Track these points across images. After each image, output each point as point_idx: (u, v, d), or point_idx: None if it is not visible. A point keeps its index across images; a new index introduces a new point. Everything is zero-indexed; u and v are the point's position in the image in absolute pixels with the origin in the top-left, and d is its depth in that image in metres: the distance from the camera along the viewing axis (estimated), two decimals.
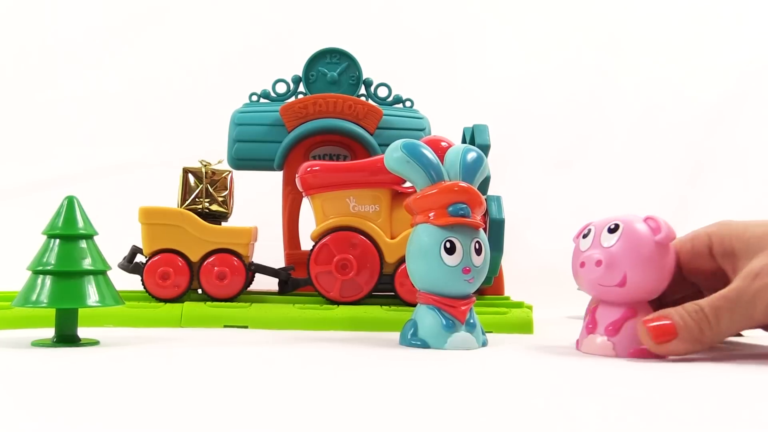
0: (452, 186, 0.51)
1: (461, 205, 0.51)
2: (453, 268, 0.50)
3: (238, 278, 0.63)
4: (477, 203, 0.52)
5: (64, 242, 0.49)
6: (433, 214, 0.51)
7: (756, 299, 0.47)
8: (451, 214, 0.51)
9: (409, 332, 0.52)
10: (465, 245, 0.50)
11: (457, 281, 0.51)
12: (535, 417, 0.32)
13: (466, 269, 0.50)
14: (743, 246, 0.50)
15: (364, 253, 0.61)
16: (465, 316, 0.51)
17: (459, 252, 0.50)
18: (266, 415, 0.32)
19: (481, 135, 0.67)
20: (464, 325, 0.51)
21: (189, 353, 0.48)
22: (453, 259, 0.50)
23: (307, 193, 0.63)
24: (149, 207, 0.63)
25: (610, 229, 0.50)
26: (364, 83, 0.72)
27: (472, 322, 0.52)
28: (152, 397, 0.35)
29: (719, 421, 0.33)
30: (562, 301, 0.76)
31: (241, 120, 0.70)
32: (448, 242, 0.50)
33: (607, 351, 0.50)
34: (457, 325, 0.51)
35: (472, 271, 0.51)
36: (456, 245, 0.50)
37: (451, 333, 0.51)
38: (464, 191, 0.51)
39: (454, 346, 0.51)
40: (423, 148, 0.53)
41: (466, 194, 0.51)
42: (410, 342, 0.52)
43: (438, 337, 0.51)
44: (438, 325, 0.51)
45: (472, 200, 0.51)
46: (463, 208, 0.51)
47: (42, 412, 0.31)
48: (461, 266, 0.50)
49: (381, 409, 0.33)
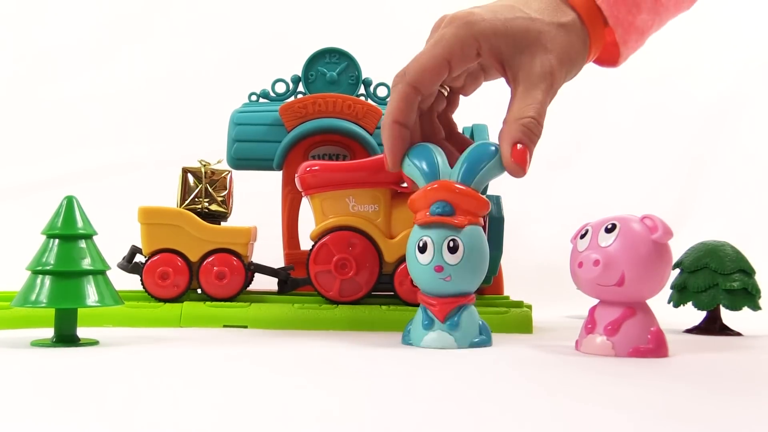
0: (434, 185, 0.52)
1: (441, 203, 0.51)
2: (425, 266, 0.51)
3: (238, 278, 0.63)
4: (466, 201, 0.51)
5: (63, 242, 0.49)
6: (419, 214, 0.52)
7: None
8: (430, 213, 0.51)
9: (405, 331, 0.54)
10: (437, 244, 0.50)
11: (431, 280, 0.51)
12: (534, 417, 0.32)
13: (437, 267, 0.50)
14: None
15: (364, 252, 0.61)
16: (445, 314, 0.51)
17: (429, 251, 0.51)
18: (266, 414, 0.32)
19: (480, 135, 0.67)
20: (445, 324, 0.51)
21: (188, 353, 0.48)
22: (424, 257, 0.51)
23: (307, 192, 0.63)
24: (148, 207, 0.63)
25: (608, 229, 0.50)
26: (364, 83, 0.72)
27: (455, 321, 0.52)
28: (152, 397, 0.35)
29: (719, 420, 0.33)
30: (562, 301, 0.76)
31: (240, 120, 0.70)
32: (421, 241, 0.51)
33: (606, 351, 0.50)
34: (435, 324, 0.51)
35: (445, 269, 0.50)
36: (428, 244, 0.51)
37: (426, 331, 0.52)
38: (446, 189, 0.51)
39: (427, 344, 0.51)
40: (425, 150, 0.53)
41: (448, 192, 0.51)
42: (404, 340, 0.54)
43: (417, 334, 0.52)
44: (418, 322, 0.52)
45: (455, 198, 0.51)
46: (440, 205, 0.51)
47: (41, 412, 0.32)
48: (432, 265, 0.51)
49: (380, 409, 0.33)
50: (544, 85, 0.51)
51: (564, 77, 0.52)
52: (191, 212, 0.64)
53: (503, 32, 0.50)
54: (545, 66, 0.50)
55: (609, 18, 0.52)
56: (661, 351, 0.50)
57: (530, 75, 0.51)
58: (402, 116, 0.52)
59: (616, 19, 0.52)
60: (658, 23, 0.56)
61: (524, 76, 0.51)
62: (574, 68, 0.53)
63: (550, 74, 0.51)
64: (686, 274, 0.67)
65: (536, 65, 0.51)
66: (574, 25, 0.52)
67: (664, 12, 0.55)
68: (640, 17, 0.53)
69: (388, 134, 0.52)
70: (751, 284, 0.65)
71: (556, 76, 0.51)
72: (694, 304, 0.66)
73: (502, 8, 0.51)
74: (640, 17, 0.53)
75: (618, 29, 0.53)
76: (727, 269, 0.65)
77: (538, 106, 0.50)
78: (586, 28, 0.52)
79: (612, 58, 0.57)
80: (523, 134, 0.50)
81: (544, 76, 0.50)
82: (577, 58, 0.52)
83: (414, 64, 0.51)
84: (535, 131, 0.51)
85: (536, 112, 0.50)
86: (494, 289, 0.72)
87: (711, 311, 0.67)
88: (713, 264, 0.65)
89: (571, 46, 0.52)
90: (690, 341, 0.60)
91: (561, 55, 0.51)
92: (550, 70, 0.51)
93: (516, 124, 0.50)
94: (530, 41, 0.51)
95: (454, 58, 0.51)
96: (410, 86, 0.51)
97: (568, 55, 0.51)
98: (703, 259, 0.66)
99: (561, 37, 0.51)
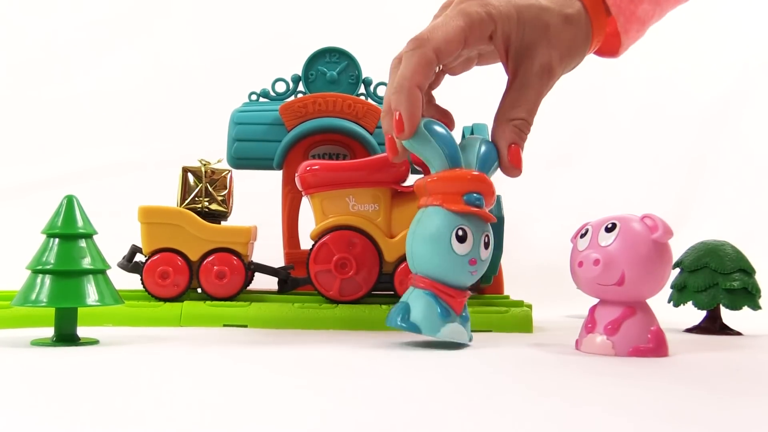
0: (471, 174, 0.50)
1: (477, 195, 0.50)
2: (461, 257, 0.49)
3: (238, 277, 0.63)
4: (491, 196, 0.51)
5: (63, 241, 0.49)
6: (448, 198, 0.50)
7: None
8: (467, 202, 0.49)
9: (398, 315, 0.50)
10: (476, 236, 0.49)
11: (462, 271, 0.50)
12: (534, 416, 0.32)
13: (472, 260, 0.49)
14: None
15: (364, 252, 0.61)
16: (461, 307, 0.51)
17: (470, 242, 0.49)
18: (265, 414, 0.32)
19: (480, 134, 0.67)
20: (459, 317, 0.51)
21: (188, 352, 0.48)
22: (463, 248, 0.49)
23: (307, 192, 0.63)
24: (149, 206, 0.63)
25: (608, 229, 0.50)
26: (364, 82, 0.72)
27: (465, 315, 0.51)
28: (151, 397, 0.35)
29: (719, 420, 0.33)
30: (562, 300, 0.76)
31: (240, 119, 0.70)
32: (461, 230, 0.49)
33: (606, 350, 0.50)
34: (452, 315, 0.50)
35: (477, 263, 0.50)
36: (468, 234, 0.49)
37: (445, 322, 0.50)
38: (482, 181, 0.50)
39: (446, 335, 0.50)
40: (446, 131, 0.51)
41: (483, 184, 0.50)
42: (399, 324, 0.50)
43: (432, 324, 0.50)
44: (433, 312, 0.50)
45: (487, 192, 0.50)
46: (479, 198, 0.50)
47: (41, 411, 0.32)
48: (469, 257, 0.49)
49: (380, 409, 0.33)
50: (540, 84, 0.51)
51: (563, 71, 0.53)
52: (191, 212, 0.64)
53: (516, 19, 0.51)
54: (545, 64, 0.51)
55: (611, 6, 0.52)
56: (661, 350, 0.50)
57: (528, 72, 0.51)
58: (423, 80, 0.50)
59: (618, 8, 0.53)
60: (659, 13, 0.56)
61: (523, 71, 0.52)
62: (574, 61, 0.53)
63: (548, 72, 0.51)
64: (686, 273, 0.67)
65: (536, 63, 0.51)
66: (579, 16, 0.52)
67: (665, 2, 0.55)
68: (642, 7, 0.53)
69: (409, 98, 0.49)
70: (751, 284, 0.65)
71: (554, 73, 0.52)
72: (694, 303, 0.66)
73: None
74: (642, 7, 0.53)
75: (620, 18, 0.53)
76: (727, 269, 0.65)
77: (530, 106, 0.52)
78: (590, 19, 0.52)
79: (612, 49, 0.57)
80: (516, 135, 0.51)
81: (542, 75, 0.51)
82: (578, 51, 0.53)
83: (438, 32, 0.50)
84: (525, 131, 0.52)
85: (527, 112, 0.52)
86: (494, 289, 0.72)
87: (711, 311, 0.67)
88: (713, 263, 0.65)
89: (573, 41, 0.52)
90: (690, 341, 0.60)
91: (563, 51, 0.52)
92: (549, 68, 0.51)
93: (509, 125, 0.51)
94: (538, 33, 0.51)
95: (473, 35, 0.50)
96: (434, 52, 0.50)
97: (569, 51, 0.52)
98: (703, 258, 0.66)
99: (566, 31, 0.52)
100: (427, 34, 0.50)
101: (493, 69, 0.58)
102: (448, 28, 0.50)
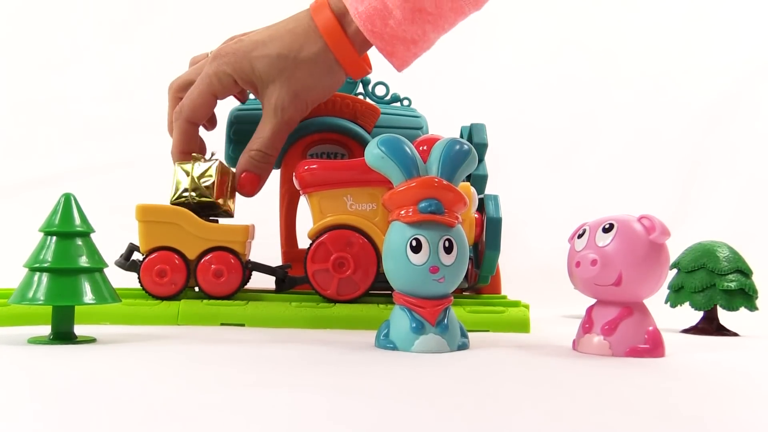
0: (423, 181, 0.49)
1: (431, 201, 0.49)
2: (419, 267, 0.48)
3: (235, 276, 0.63)
4: (453, 199, 0.50)
5: (60, 240, 0.49)
6: (404, 211, 0.50)
7: None
8: (421, 211, 0.49)
9: (381, 333, 0.51)
10: (432, 243, 0.48)
11: (424, 281, 0.49)
12: (531, 416, 0.32)
13: (433, 268, 0.48)
14: None
15: (361, 251, 0.61)
16: (435, 317, 0.50)
17: (425, 250, 0.48)
18: (263, 413, 0.32)
19: (478, 134, 0.67)
20: (435, 327, 0.49)
21: (185, 351, 0.48)
22: (419, 257, 0.48)
23: (305, 191, 0.63)
24: (146, 204, 0.63)
25: (605, 229, 0.50)
26: (362, 82, 0.72)
27: (444, 324, 0.50)
28: (149, 395, 0.35)
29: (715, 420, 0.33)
30: (559, 301, 0.76)
31: (238, 118, 0.70)
32: (414, 240, 0.49)
33: (603, 350, 0.50)
34: (426, 327, 0.49)
35: (440, 270, 0.48)
36: (423, 243, 0.48)
37: (418, 335, 0.49)
38: (435, 187, 0.49)
39: (421, 348, 0.49)
40: (400, 144, 0.51)
41: (438, 190, 0.49)
42: (382, 344, 0.51)
43: (405, 339, 0.49)
44: (406, 327, 0.50)
45: (445, 196, 0.49)
46: (433, 204, 0.49)
47: (38, 409, 0.31)
48: (427, 265, 0.48)
49: (379, 409, 0.33)
50: (275, 120, 0.61)
51: (303, 108, 0.62)
52: (183, 207, 0.62)
53: (250, 70, 0.60)
54: (278, 103, 0.60)
55: (365, 32, 0.58)
56: (658, 351, 0.50)
57: (266, 109, 0.61)
58: (186, 147, 0.63)
59: (371, 32, 0.58)
60: (435, 30, 0.60)
61: (264, 108, 0.61)
62: (318, 92, 0.62)
63: (281, 110, 0.60)
64: (683, 274, 0.67)
65: (271, 103, 0.60)
66: (317, 55, 0.59)
67: (440, 19, 0.59)
68: (403, 28, 0.58)
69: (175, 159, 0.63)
70: (748, 284, 0.65)
71: (287, 111, 0.61)
72: (691, 304, 0.66)
73: (254, 44, 0.60)
74: (403, 28, 0.58)
75: (377, 42, 0.59)
76: (724, 269, 0.65)
77: (263, 140, 0.61)
78: (332, 53, 0.59)
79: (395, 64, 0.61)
80: (250, 165, 0.62)
81: (275, 112, 0.60)
82: (320, 83, 0.61)
83: (187, 101, 0.62)
84: (261, 161, 0.62)
85: (261, 145, 0.61)
86: (492, 289, 0.72)
87: (708, 311, 0.67)
88: (710, 264, 0.66)
89: (310, 77, 0.60)
90: (687, 341, 0.60)
91: (297, 90, 0.60)
92: (282, 107, 0.60)
93: (245, 156, 0.62)
94: (272, 78, 0.60)
95: (218, 91, 0.62)
96: (187, 122, 0.62)
97: (305, 88, 0.60)
98: (700, 259, 0.66)
99: (300, 72, 0.60)
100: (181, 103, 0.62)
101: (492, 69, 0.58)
102: (193, 96, 0.62)
